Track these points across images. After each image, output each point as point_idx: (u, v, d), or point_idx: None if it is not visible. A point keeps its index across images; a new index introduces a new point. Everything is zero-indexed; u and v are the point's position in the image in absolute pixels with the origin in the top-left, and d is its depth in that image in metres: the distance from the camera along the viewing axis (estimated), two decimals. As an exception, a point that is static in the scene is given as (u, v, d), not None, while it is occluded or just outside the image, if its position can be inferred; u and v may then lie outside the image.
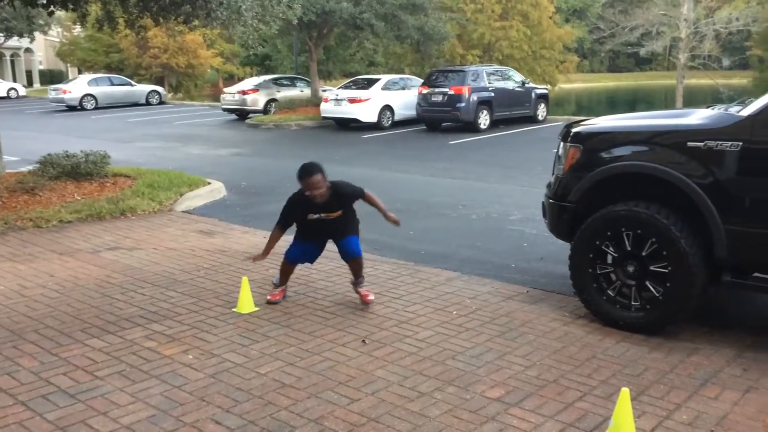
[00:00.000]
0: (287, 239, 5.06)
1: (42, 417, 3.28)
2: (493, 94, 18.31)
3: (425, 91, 18.50)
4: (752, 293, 4.75)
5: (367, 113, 18.91)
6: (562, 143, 4.91)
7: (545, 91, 21.12)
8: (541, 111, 20.11)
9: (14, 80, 46.17)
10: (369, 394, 3.53)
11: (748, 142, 3.92)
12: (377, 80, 20.26)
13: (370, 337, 4.31)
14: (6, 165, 9.84)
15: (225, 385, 3.64)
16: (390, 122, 19.33)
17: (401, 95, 19.72)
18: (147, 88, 32.18)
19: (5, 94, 37.92)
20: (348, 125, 19.57)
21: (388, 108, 19.27)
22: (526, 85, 19.92)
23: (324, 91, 23.16)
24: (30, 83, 50.02)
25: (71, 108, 28.37)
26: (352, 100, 19.01)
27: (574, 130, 4.83)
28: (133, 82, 32.22)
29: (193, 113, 26.81)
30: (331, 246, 5.02)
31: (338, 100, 19.37)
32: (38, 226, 7.32)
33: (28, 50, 49.83)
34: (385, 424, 3.23)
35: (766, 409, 3.37)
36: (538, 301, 5.01)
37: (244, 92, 23.44)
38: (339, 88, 20.77)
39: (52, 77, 49.23)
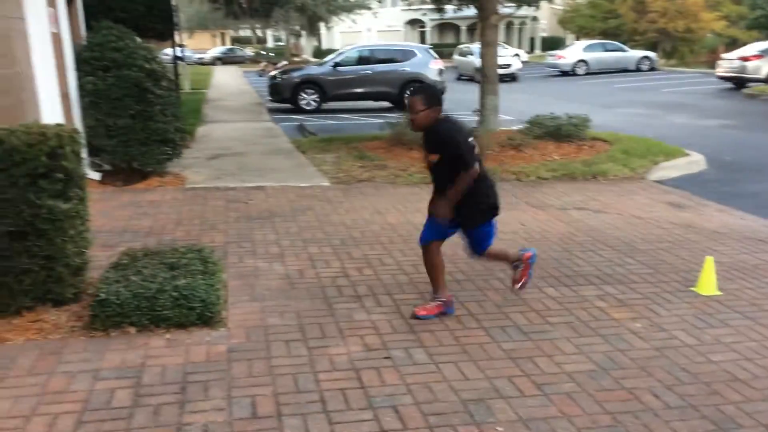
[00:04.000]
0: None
1: (498, 345, 3.72)
2: None
3: None
4: None
5: None
6: None
7: None
8: None
9: (519, 47, 50.76)
10: None
11: None
12: None
13: None
14: (501, 123, 11.09)
15: (669, 362, 3.51)
16: None
17: None
18: (638, 54, 31.67)
19: (508, 63, 41.71)
20: None
21: None
22: None
23: None
24: (531, 49, 54.31)
25: (564, 73, 29.88)
26: None
27: None
28: (625, 48, 32.07)
29: (684, 81, 25.39)
30: None
31: None
32: (519, 180, 8.10)
33: (534, 18, 54.05)
34: None
35: None
36: None
37: (745, 58, 21.06)
38: None
39: (552, 44, 52.49)
